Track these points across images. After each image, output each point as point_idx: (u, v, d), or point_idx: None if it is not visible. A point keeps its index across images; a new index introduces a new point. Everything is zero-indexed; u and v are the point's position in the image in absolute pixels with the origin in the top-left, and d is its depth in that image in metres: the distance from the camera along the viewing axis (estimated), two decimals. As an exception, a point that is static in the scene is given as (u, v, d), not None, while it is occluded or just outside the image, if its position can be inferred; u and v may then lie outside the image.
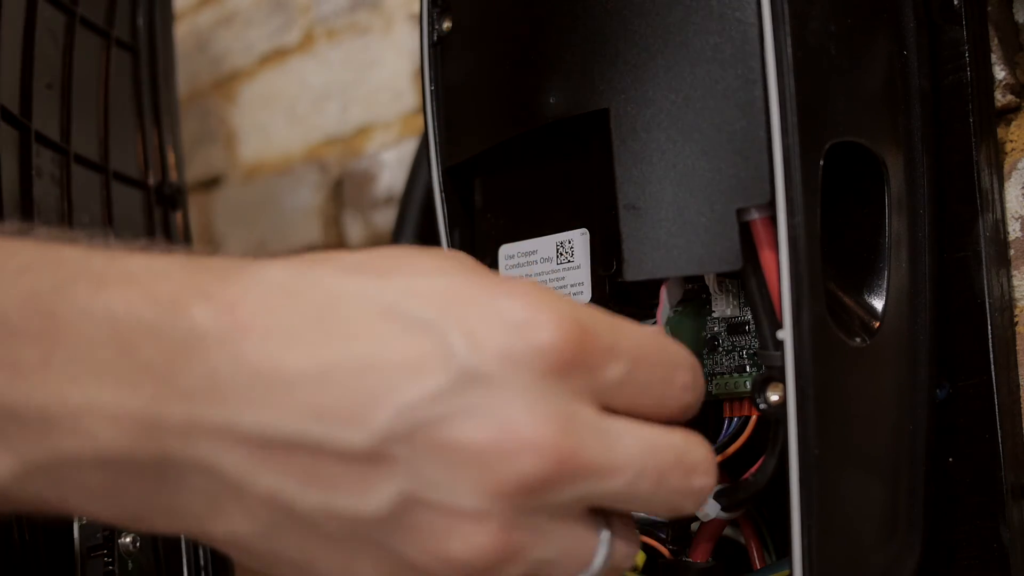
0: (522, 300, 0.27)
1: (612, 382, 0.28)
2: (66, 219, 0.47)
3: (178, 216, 0.54)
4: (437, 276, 0.28)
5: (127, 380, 0.25)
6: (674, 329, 0.41)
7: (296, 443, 0.26)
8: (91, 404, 0.25)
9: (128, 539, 0.42)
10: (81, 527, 0.41)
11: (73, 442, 0.25)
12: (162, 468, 0.26)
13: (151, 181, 0.53)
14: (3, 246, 0.27)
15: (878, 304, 0.38)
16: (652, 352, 0.29)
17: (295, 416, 0.26)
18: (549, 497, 0.27)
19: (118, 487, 0.26)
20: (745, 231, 0.35)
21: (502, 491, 0.26)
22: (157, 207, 0.53)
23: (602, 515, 0.29)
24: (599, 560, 0.29)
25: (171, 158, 0.55)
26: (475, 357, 0.26)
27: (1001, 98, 0.43)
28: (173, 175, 0.55)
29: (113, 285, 0.26)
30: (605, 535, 0.29)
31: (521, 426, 0.26)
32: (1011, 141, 0.43)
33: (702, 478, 0.29)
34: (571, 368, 0.27)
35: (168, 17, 0.57)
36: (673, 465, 0.28)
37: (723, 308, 0.40)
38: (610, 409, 0.28)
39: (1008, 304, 0.42)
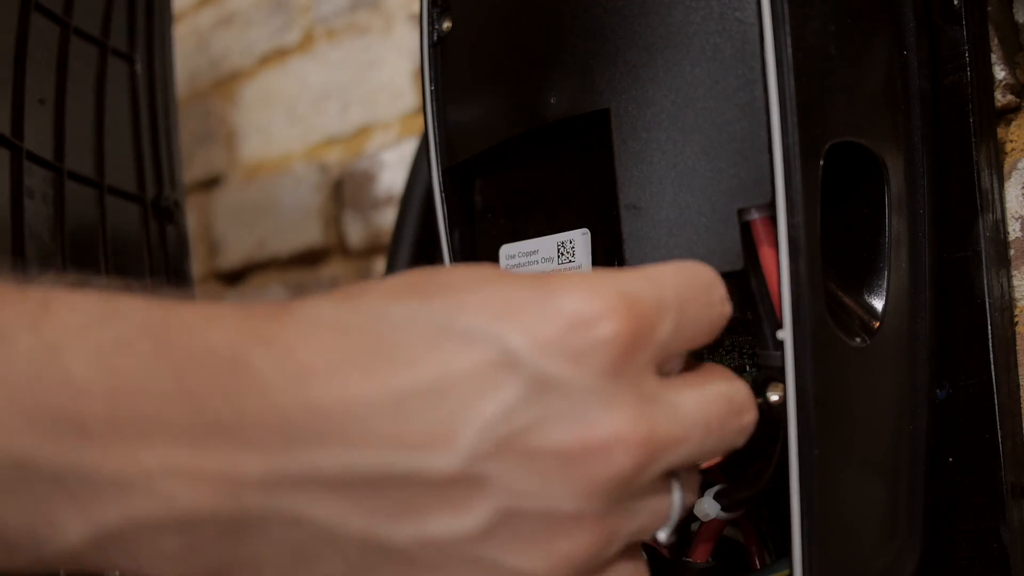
0: (572, 295, 0.27)
1: (667, 337, 0.28)
2: (59, 238, 0.46)
3: (176, 230, 0.54)
4: (480, 287, 0.28)
5: (199, 438, 0.25)
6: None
7: (382, 478, 0.26)
8: (166, 466, 0.25)
9: None
10: None
11: (149, 506, 0.25)
12: (243, 524, 0.26)
13: (148, 194, 0.53)
14: (63, 300, 0.26)
15: (878, 304, 0.38)
16: (688, 286, 0.29)
17: (376, 451, 0.25)
18: (636, 483, 0.28)
19: (196, 547, 0.26)
20: (745, 231, 0.35)
21: (597, 490, 0.27)
22: (153, 221, 0.53)
23: (672, 472, 0.30)
24: (675, 512, 0.30)
25: (168, 170, 0.54)
26: (543, 361, 0.26)
27: (1001, 98, 0.43)
28: (170, 188, 0.54)
29: (175, 339, 0.26)
30: (676, 489, 0.30)
31: (603, 424, 0.26)
32: (1011, 141, 0.43)
33: (749, 413, 0.31)
34: (633, 349, 0.27)
35: (166, 24, 0.57)
36: (727, 412, 0.30)
37: (723, 308, 0.40)
38: (668, 358, 0.29)
39: (1008, 304, 0.42)
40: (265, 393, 0.25)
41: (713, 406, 0.29)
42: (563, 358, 0.26)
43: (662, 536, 0.30)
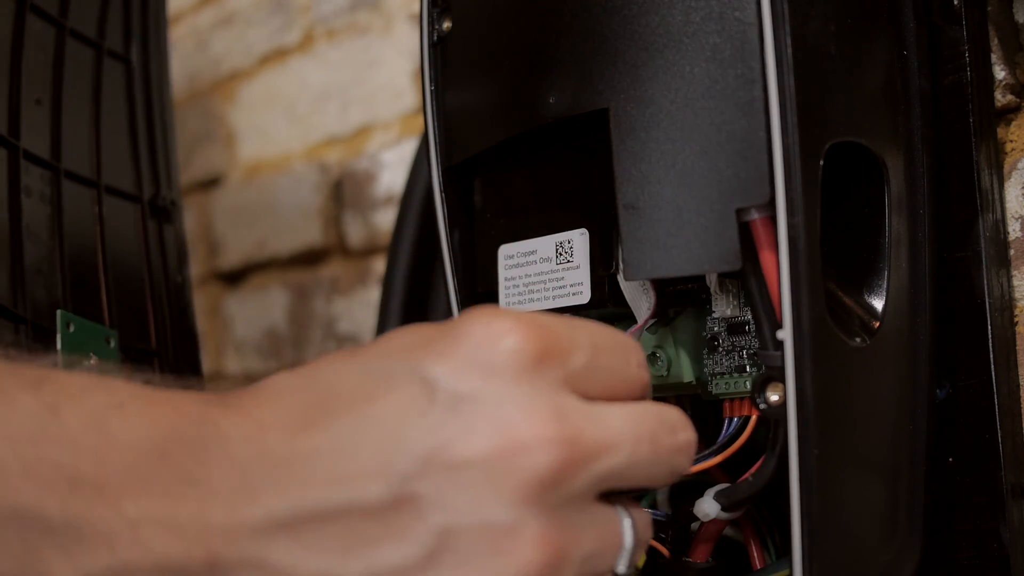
0: (479, 320, 0.29)
1: (580, 369, 0.30)
2: (56, 237, 0.46)
3: (173, 230, 0.54)
4: (402, 335, 0.30)
5: (173, 490, 0.27)
6: (674, 329, 0.41)
7: (326, 515, 0.28)
8: (146, 516, 0.27)
9: None
10: None
11: (133, 554, 0.27)
12: (214, 570, 0.27)
13: (145, 194, 0.53)
14: (65, 375, 0.29)
15: (878, 304, 0.38)
16: (605, 339, 0.31)
17: (319, 490, 0.28)
18: (567, 487, 0.28)
19: None
20: (745, 231, 0.35)
21: (524, 493, 0.27)
22: (151, 220, 0.53)
23: (611, 498, 0.31)
24: (628, 537, 0.30)
25: (165, 170, 0.55)
26: (456, 380, 0.28)
27: (1001, 98, 0.43)
28: (167, 187, 0.54)
29: (157, 406, 0.28)
30: (623, 513, 0.30)
31: (519, 425, 0.28)
32: (1011, 141, 0.43)
33: (684, 432, 0.31)
34: (542, 361, 0.29)
35: (162, 25, 0.57)
36: (658, 425, 0.30)
37: (723, 308, 0.40)
38: (584, 395, 0.30)
39: (1008, 304, 0.42)
40: (227, 449, 0.28)
41: (642, 420, 0.30)
42: (476, 373, 0.28)
43: (621, 568, 0.30)
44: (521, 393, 0.28)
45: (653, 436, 0.30)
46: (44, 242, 0.46)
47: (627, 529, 0.30)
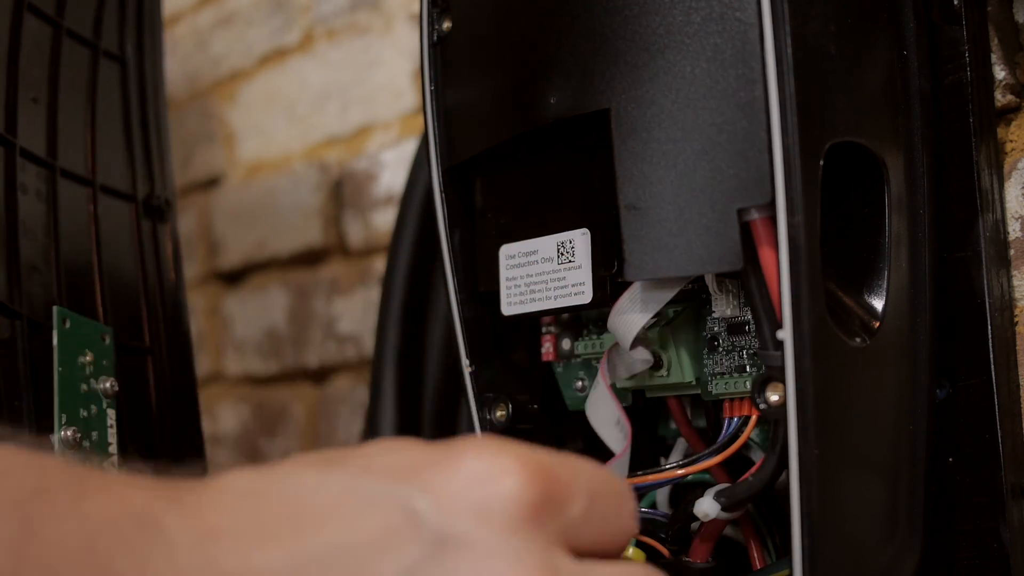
0: (478, 451, 0.27)
1: (577, 520, 0.27)
2: (52, 235, 0.47)
3: (167, 229, 0.54)
4: (387, 453, 0.27)
5: None
6: (674, 329, 0.41)
7: None
8: None
9: None
10: None
11: None
12: None
13: (139, 193, 0.53)
14: None
15: (878, 304, 0.38)
16: (603, 485, 0.28)
17: None
18: None
19: None
20: (745, 231, 0.35)
21: None
22: (146, 220, 0.53)
23: None
24: None
25: (160, 170, 0.55)
26: (444, 518, 0.25)
27: (1001, 98, 0.43)
28: (162, 186, 0.54)
29: (92, 494, 0.25)
30: None
31: None
32: (1011, 141, 0.43)
33: None
34: (542, 511, 0.26)
35: (157, 27, 0.57)
36: None
37: (723, 308, 0.40)
38: (575, 548, 0.27)
39: (1008, 304, 0.42)
40: (171, 553, 0.24)
41: None
42: (467, 514, 0.25)
43: None
44: (513, 547, 0.25)
45: None
46: (40, 239, 0.46)
47: None
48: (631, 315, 0.39)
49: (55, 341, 0.44)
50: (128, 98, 0.54)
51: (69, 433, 0.43)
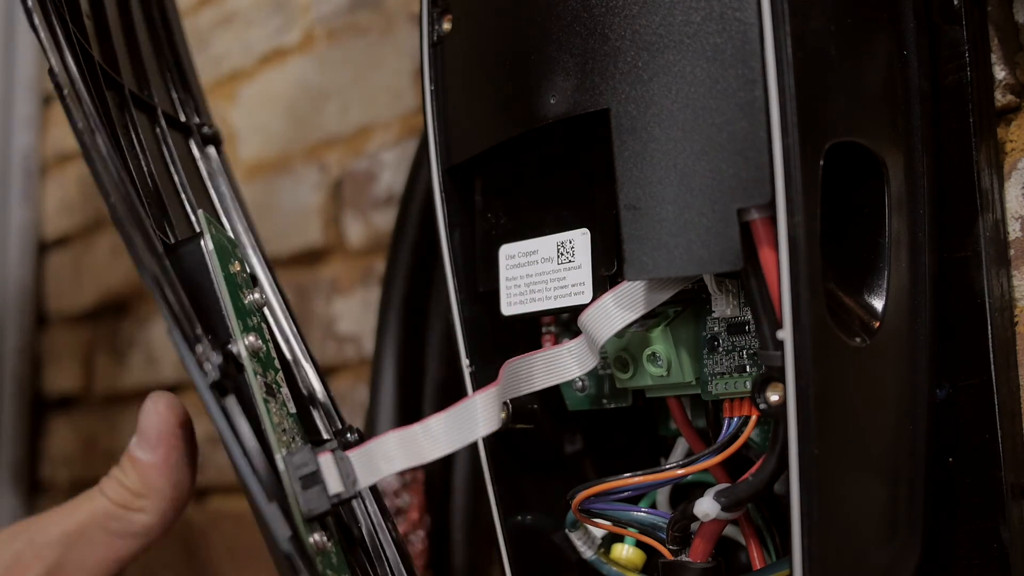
0: None
1: None
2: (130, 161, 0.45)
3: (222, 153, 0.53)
4: None
5: None
6: (674, 329, 0.41)
7: None
8: None
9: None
10: None
11: None
12: None
13: (192, 121, 0.53)
14: None
15: (878, 304, 0.38)
16: None
17: None
18: None
19: None
20: (745, 231, 0.35)
21: None
22: (204, 146, 0.52)
23: None
24: None
25: (202, 100, 0.55)
26: None
27: (1001, 98, 0.43)
28: (208, 119, 0.54)
29: None
30: None
31: None
32: (1011, 141, 0.43)
33: None
34: None
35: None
36: None
37: (723, 308, 0.40)
38: None
39: (1008, 304, 0.42)
40: None
41: None
42: None
43: None
44: None
45: None
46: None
47: None
48: (615, 313, 0.38)
49: (210, 246, 0.40)
50: (154, 26, 0.54)
51: (251, 339, 0.39)
